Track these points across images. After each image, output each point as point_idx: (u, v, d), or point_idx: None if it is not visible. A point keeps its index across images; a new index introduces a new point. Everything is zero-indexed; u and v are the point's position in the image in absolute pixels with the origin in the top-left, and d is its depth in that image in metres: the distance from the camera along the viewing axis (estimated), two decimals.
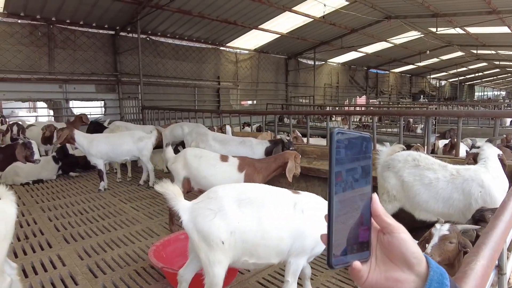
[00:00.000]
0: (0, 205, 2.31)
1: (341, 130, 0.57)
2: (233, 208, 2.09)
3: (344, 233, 0.57)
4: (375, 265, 0.59)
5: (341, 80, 20.49)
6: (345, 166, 0.57)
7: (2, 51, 8.38)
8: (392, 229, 0.58)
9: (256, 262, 2.21)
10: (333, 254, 0.56)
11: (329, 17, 11.69)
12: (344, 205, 0.57)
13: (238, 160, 3.79)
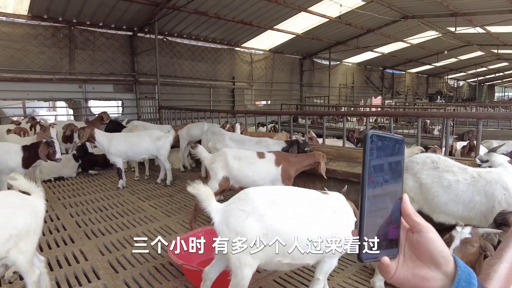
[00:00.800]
0: (31, 200, 2.43)
1: (375, 132, 0.60)
2: (265, 209, 2.08)
3: (374, 230, 0.60)
4: (403, 262, 0.62)
5: (356, 81, 20.30)
6: (377, 167, 0.60)
7: (26, 52, 8.65)
8: (421, 228, 0.61)
9: (290, 263, 2.21)
10: (363, 249, 0.59)
11: (345, 17, 11.60)
12: (375, 203, 0.60)
13: (274, 156, 4.01)
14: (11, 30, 8.44)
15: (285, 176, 4.04)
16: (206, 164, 3.94)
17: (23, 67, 8.66)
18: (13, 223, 2.27)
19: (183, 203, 5.04)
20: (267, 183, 3.97)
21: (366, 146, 0.59)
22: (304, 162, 4.13)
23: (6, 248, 2.25)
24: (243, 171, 3.86)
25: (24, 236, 2.33)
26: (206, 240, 3.15)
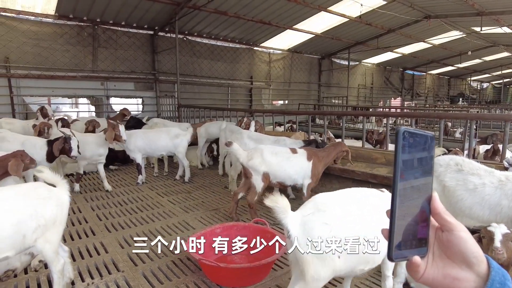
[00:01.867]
0: (57, 192, 2.51)
1: (408, 128, 0.59)
2: (347, 219, 2.00)
3: (404, 228, 0.59)
4: (432, 261, 0.61)
5: (375, 81, 19.99)
6: (408, 164, 0.59)
7: (52, 50, 8.94)
8: (452, 227, 0.60)
9: (370, 267, 2.17)
10: (394, 248, 0.58)
11: (365, 17, 11.45)
12: (405, 202, 0.59)
13: (305, 151, 4.15)
14: (39, 29, 8.74)
15: (314, 172, 4.12)
16: (242, 161, 3.97)
17: (50, 65, 8.96)
18: (41, 214, 2.35)
19: (200, 199, 5.09)
20: (300, 177, 4.07)
21: (398, 143, 0.58)
22: (331, 154, 4.27)
23: (34, 237, 2.34)
24: (281, 165, 3.97)
25: (51, 226, 2.42)
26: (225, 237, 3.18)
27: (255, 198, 3.97)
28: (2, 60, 8.35)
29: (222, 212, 4.55)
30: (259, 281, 2.84)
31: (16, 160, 3.48)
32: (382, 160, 4.56)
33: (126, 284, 2.83)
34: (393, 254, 0.59)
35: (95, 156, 5.34)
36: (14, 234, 2.25)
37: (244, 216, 4.41)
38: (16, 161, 3.47)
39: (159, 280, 2.89)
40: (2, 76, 8.40)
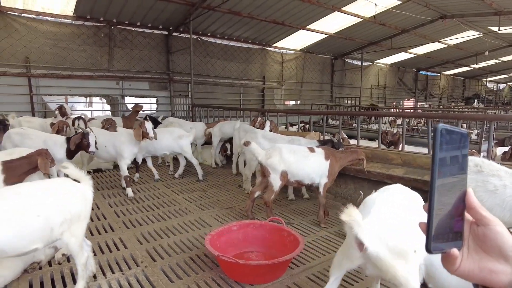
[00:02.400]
0: (81, 188, 2.59)
1: (445, 125, 0.62)
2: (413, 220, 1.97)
3: (440, 222, 0.62)
4: (467, 254, 0.63)
5: (388, 82, 19.81)
6: (445, 161, 0.62)
7: (70, 50, 9.15)
8: (488, 221, 0.62)
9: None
10: (431, 241, 0.61)
11: (379, 17, 11.37)
12: (441, 197, 0.62)
13: (323, 151, 4.17)
14: (58, 30, 8.96)
15: (331, 171, 4.14)
16: (260, 160, 4.00)
17: (67, 64, 9.17)
18: (67, 208, 2.43)
19: (215, 198, 5.15)
20: (317, 176, 4.09)
21: (436, 140, 0.61)
22: (348, 158, 4.30)
23: (60, 230, 2.42)
24: (299, 163, 3.99)
25: (76, 220, 2.50)
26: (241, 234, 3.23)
27: (272, 196, 4.00)
28: (22, 60, 8.59)
29: (237, 210, 4.60)
30: (276, 278, 2.87)
31: (43, 158, 3.60)
32: (398, 161, 4.54)
33: (146, 279, 2.89)
34: (431, 246, 0.61)
35: (132, 156, 5.26)
36: (42, 227, 2.33)
37: (259, 214, 4.44)
38: (43, 159, 3.60)
39: (178, 275, 2.95)
40: (22, 75, 8.64)
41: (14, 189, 2.42)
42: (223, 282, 2.84)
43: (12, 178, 3.50)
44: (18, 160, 3.61)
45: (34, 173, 3.67)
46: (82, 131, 4.66)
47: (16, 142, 4.64)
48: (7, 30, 8.28)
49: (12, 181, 3.47)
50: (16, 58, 8.50)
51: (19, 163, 3.59)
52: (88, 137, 4.61)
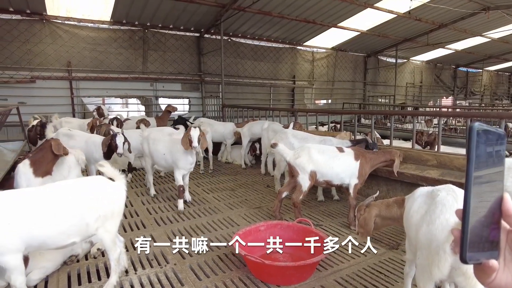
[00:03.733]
0: (115, 186, 2.70)
1: (482, 125, 0.57)
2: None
3: (475, 230, 0.57)
4: (504, 266, 0.58)
5: (425, 79, 18.98)
6: (481, 163, 0.57)
7: (107, 54, 9.59)
8: None
9: None
10: (467, 250, 0.57)
11: (415, 12, 10.93)
12: (477, 202, 0.57)
13: (353, 151, 4.13)
14: (97, 35, 9.42)
15: (361, 172, 4.07)
16: (289, 160, 4.00)
17: (104, 67, 9.61)
18: (102, 205, 2.55)
19: (244, 197, 5.19)
20: (347, 177, 4.05)
21: (472, 140, 0.56)
22: (380, 158, 4.21)
23: (95, 226, 2.54)
24: (329, 163, 3.97)
25: (110, 217, 2.61)
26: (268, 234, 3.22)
27: (301, 197, 3.97)
28: (65, 64, 9.10)
29: (265, 210, 4.60)
30: (303, 280, 2.85)
31: (55, 141, 3.89)
32: (433, 162, 4.34)
33: (175, 276, 2.96)
34: (467, 256, 0.56)
35: (188, 165, 4.65)
36: (79, 222, 2.46)
37: (287, 215, 4.42)
38: (55, 142, 3.89)
39: (206, 273, 3.00)
40: (64, 79, 9.16)
41: (53, 187, 2.57)
42: (250, 282, 2.85)
43: (39, 169, 3.78)
44: (38, 153, 3.89)
45: (57, 160, 3.93)
46: (112, 133, 4.81)
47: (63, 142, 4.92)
48: (52, 37, 8.83)
49: (41, 171, 3.75)
50: (59, 63, 9.03)
51: (40, 154, 3.87)
52: (116, 138, 4.71)
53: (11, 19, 8.31)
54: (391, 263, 3.21)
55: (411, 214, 2.30)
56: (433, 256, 1.99)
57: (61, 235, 2.42)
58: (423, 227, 2.14)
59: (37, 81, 8.80)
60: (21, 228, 2.25)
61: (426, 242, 2.09)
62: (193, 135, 4.34)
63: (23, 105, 8.06)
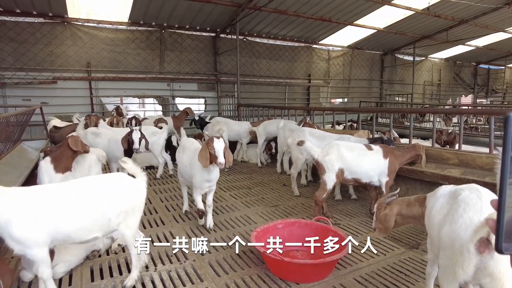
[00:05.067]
0: (136, 183, 2.76)
1: None
2: None
3: (510, 220, 0.57)
4: None
5: (443, 77, 18.55)
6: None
7: (125, 54, 9.78)
8: None
9: None
10: (502, 240, 0.57)
11: (433, 9, 10.69)
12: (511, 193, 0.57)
13: (381, 149, 4.10)
14: (115, 36, 9.62)
15: (391, 170, 4.05)
16: (317, 157, 3.97)
17: (122, 68, 9.80)
18: (123, 201, 2.61)
19: (260, 195, 5.20)
20: (376, 175, 4.03)
21: (508, 130, 0.56)
22: (407, 155, 4.22)
23: (117, 221, 2.60)
24: (358, 161, 3.94)
25: (131, 213, 2.67)
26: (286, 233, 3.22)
27: (324, 195, 3.94)
28: (84, 65, 9.33)
29: (282, 209, 4.60)
30: (322, 278, 2.83)
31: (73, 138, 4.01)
32: (455, 161, 4.24)
33: (194, 272, 3.00)
34: (503, 246, 0.57)
35: (204, 183, 3.73)
36: (101, 217, 2.53)
37: (304, 214, 4.41)
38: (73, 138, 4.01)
39: (225, 270, 3.02)
40: (84, 79, 9.39)
41: (77, 183, 2.65)
42: (268, 279, 2.86)
43: (59, 166, 3.91)
44: (58, 150, 4.02)
45: (76, 156, 4.05)
46: (130, 130, 4.91)
47: (90, 140, 5.06)
48: (72, 38, 9.07)
49: (61, 168, 3.87)
50: (79, 64, 9.26)
51: (59, 151, 3.99)
52: (132, 134, 4.81)
53: (34, 22, 8.58)
54: (411, 263, 3.16)
55: (433, 214, 2.26)
56: (456, 256, 1.95)
57: (84, 230, 2.49)
58: (445, 226, 2.10)
59: (58, 81, 9.05)
60: (47, 222, 2.32)
61: (449, 242, 2.05)
62: (218, 148, 3.32)
63: (45, 105, 8.31)
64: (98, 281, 2.85)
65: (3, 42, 8.27)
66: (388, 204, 2.59)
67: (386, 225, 2.54)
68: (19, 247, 2.28)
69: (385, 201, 2.62)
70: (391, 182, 4.13)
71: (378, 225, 2.61)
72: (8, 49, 8.36)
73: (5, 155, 4.84)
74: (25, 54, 8.53)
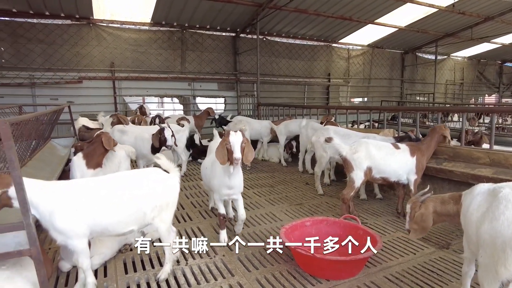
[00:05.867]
0: (170, 178, 2.82)
1: None
2: None
3: None
4: None
5: (466, 76, 18.09)
6: None
7: (148, 54, 9.98)
8: None
9: None
10: None
11: (458, 6, 10.46)
12: None
13: (407, 147, 4.09)
14: (138, 36, 9.83)
15: (419, 167, 4.02)
16: (345, 155, 3.94)
17: (145, 67, 10.01)
18: (157, 196, 2.68)
19: (284, 194, 5.21)
20: (404, 173, 4.01)
21: None
22: (431, 145, 4.21)
23: (152, 215, 2.67)
24: (386, 160, 3.92)
25: (165, 207, 2.73)
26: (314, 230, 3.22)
27: (352, 193, 3.93)
28: (108, 65, 9.57)
29: (307, 207, 4.60)
30: (353, 275, 2.83)
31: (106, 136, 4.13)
32: (485, 160, 4.14)
33: (224, 266, 3.04)
34: None
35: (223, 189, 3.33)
36: (137, 211, 2.60)
37: (330, 213, 4.40)
38: (106, 137, 4.12)
39: (254, 265, 3.05)
40: (108, 79, 9.63)
41: (113, 178, 2.73)
42: (299, 275, 2.87)
43: (91, 161, 4.03)
44: (90, 146, 4.14)
45: (107, 153, 4.16)
46: (160, 127, 5.00)
47: (117, 137, 5.18)
48: (97, 39, 9.34)
49: (92, 163, 4.01)
50: (103, 64, 9.51)
51: (92, 148, 4.11)
52: (164, 132, 4.89)
53: (62, 24, 8.87)
54: (443, 262, 3.11)
55: (471, 212, 2.22)
56: (498, 254, 1.91)
57: (121, 223, 2.56)
58: (485, 224, 2.07)
59: (84, 81, 9.31)
60: (86, 215, 2.41)
61: (489, 239, 2.01)
62: (234, 141, 2.95)
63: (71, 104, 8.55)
64: (131, 273, 2.93)
65: (33, 44, 8.60)
66: (423, 203, 2.54)
67: (423, 225, 2.49)
68: (61, 238, 2.38)
69: (419, 200, 2.58)
70: (419, 180, 4.08)
71: (413, 226, 2.54)
72: (38, 51, 8.68)
73: (38, 152, 5.02)
74: (53, 55, 8.83)
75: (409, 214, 2.64)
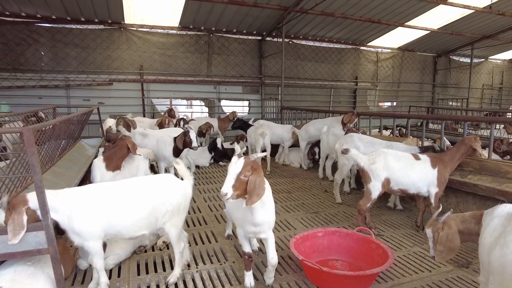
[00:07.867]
0: (183, 184, 2.90)
1: None
2: None
3: None
4: None
5: (506, 80, 17.09)
6: None
7: (175, 58, 10.25)
8: None
9: None
10: None
11: (496, 6, 9.91)
12: None
13: (429, 158, 3.91)
14: (166, 40, 10.12)
15: (440, 180, 3.84)
16: (363, 165, 3.88)
17: (172, 70, 10.28)
18: (170, 201, 2.76)
19: (301, 201, 5.18)
20: (425, 185, 3.85)
21: None
22: (456, 156, 3.97)
23: (163, 220, 2.76)
24: (405, 171, 3.80)
25: (176, 212, 2.81)
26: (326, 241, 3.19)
27: (368, 204, 3.84)
28: (138, 68, 9.92)
29: (323, 216, 4.54)
30: None
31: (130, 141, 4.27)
32: None
33: (233, 273, 3.08)
34: None
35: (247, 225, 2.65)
36: (149, 216, 2.69)
37: (345, 223, 4.32)
38: (131, 142, 4.26)
39: (262, 274, 3.06)
40: (137, 81, 9.97)
41: (127, 183, 2.84)
42: (306, 287, 2.85)
43: (111, 164, 4.19)
44: (112, 149, 4.28)
45: (126, 156, 4.30)
46: (184, 130, 5.12)
47: (138, 140, 5.37)
48: (127, 43, 9.71)
49: (112, 166, 4.17)
50: (133, 67, 9.87)
51: (113, 151, 4.26)
52: (189, 134, 5.04)
53: (95, 29, 9.31)
54: (460, 283, 2.97)
55: (485, 235, 2.11)
56: (507, 284, 1.81)
57: (133, 227, 2.66)
58: (495, 249, 1.96)
59: (114, 83, 9.71)
60: (101, 218, 2.53)
61: (499, 267, 1.91)
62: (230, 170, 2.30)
63: (101, 105, 8.95)
64: (143, 275, 3.03)
65: (69, 48, 9.10)
66: (444, 223, 2.41)
67: (450, 245, 2.32)
68: (78, 239, 2.51)
69: (439, 221, 2.41)
70: (441, 193, 3.89)
71: (440, 248, 2.35)
72: (73, 54, 9.17)
73: (67, 151, 5.29)
74: (86, 58, 9.29)
75: (432, 238, 2.46)
